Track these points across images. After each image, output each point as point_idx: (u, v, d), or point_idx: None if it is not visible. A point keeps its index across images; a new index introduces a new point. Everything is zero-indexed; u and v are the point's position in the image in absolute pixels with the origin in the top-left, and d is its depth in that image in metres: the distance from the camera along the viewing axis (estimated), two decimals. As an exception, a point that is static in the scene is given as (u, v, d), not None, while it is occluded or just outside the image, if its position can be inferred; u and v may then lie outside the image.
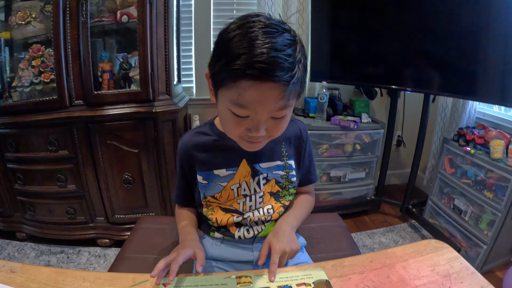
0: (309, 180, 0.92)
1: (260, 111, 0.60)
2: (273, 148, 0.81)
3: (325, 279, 0.64)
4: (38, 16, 1.68)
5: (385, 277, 0.67)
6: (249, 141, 0.67)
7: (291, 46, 0.58)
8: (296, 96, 0.63)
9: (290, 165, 0.84)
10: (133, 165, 1.67)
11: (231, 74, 0.56)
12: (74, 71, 1.59)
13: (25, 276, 0.61)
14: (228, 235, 0.83)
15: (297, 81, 0.60)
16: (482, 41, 1.55)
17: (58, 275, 0.62)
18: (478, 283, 0.65)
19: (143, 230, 1.18)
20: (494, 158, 1.61)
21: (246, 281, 0.64)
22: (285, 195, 0.85)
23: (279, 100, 0.59)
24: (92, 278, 0.62)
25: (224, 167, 0.79)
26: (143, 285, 0.62)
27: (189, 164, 0.82)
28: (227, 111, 0.63)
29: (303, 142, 0.86)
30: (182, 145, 0.82)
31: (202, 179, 0.80)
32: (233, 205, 0.81)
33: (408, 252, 0.75)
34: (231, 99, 0.60)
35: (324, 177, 2.00)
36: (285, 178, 0.83)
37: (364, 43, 1.86)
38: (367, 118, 1.95)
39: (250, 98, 0.58)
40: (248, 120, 0.62)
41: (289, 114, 0.67)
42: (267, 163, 0.81)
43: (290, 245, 0.73)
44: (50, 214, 1.78)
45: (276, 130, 0.66)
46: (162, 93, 1.64)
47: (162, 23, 1.61)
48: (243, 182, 0.80)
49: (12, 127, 1.65)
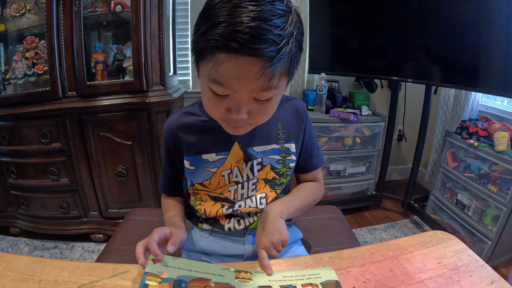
0: (312, 165, 0.82)
1: (239, 89, 0.52)
2: (268, 130, 0.74)
3: (335, 280, 0.58)
4: (33, 8, 1.66)
5: (387, 270, 0.63)
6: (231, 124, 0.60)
7: (282, 17, 0.50)
8: (284, 76, 0.55)
9: (288, 148, 0.76)
10: (127, 158, 1.64)
11: (208, 45, 0.50)
12: (67, 62, 1.56)
13: (4, 265, 0.59)
14: (217, 226, 0.77)
15: (285, 58, 0.51)
16: (485, 31, 1.51)
17: (36, 264, 0.60)
18: (488, 276, 0.61)
19: (132, 222, 1.14)
20: (498, 151, 1.56)
21: (246, 277, 0.58)
22: (282, 183, 0.78)
23: (260, 79, 0.51)
24: (71, 268, 0.60)
25: (214, 151, 0.72)
26: (123, 275, 0.58)
27: (175, 148, 0.75)
28: (206, 88, 0.57)
29: (302, 122, 0.77)
30: (167, 126, 0.76)
31: (189, 165, 0.73)
32: (224, 193, 0.75)
33: (412, 243, 0.71)
34: (209, 74, 0.53)
35: (324, 171, 1.96)
36: (281, 163, 0.76)
37: (363, 34, 1.82)
38: (367, 110, 1.90)
39: (227, 74, 0.51)
40: (228, 100, 0.55)
41: (276, 98, 0.59)
42: (262, 146, 0.73)
43: (271, 239, 0.66)
44: (43, 209, 1.75)
45: (259, 115, 0.59)
46: (156, 84, 1.61)
47: (156, 13, 1.57)
48: (235, 167, 0.73)
49: (5, 120, 1.63)
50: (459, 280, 0.60)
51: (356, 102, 1.99)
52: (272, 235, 0.67)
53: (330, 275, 0.60)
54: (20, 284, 0.54)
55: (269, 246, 0.66)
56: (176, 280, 0.54)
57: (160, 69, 1.61)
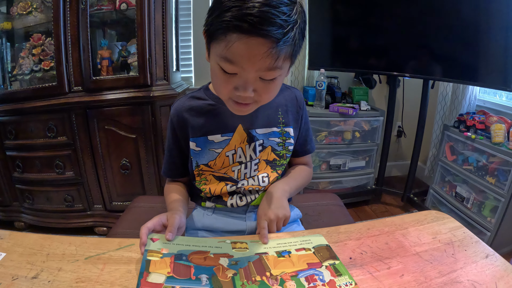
0: (306, 150, 0.89)
1: (247, 67, 0.57)
2: (269, 114, 0.79)
3: (326, 244, 0.62)
4: (39, 6, 1.71)
5: (383, 243, 0.65)
6: (237, 102, 0.64)
7: (288, 5, 0.55)
8: (288, 59, 0.60)
9: (288, 132, 0.81)
10: (131, 151, 1.67)
11: (221, 27, 0.55)
12: (73, 58, 1.61)
13: (12, 242, 0.61)
14: (220, 203, 0.81)
15: (290, 42, 0.57)
16: (482, 25, 1.54)
17: (44, 240, 0.62)
18: (483, 251, 0.62)
19: (136, 209, 1.17)
20: (496, 142, 1.59)
21: (242, 246, 0.61)
22: (282, 164, 0.82)
23: (267, 58, 0.56)
24: (79, 242, 0.62)
25: (219, 133, 0.76)
26: (128, 248, 0.61)
27: (182, 130, 0.79)
28: (216, 67, 0.61)
29: (300, 109, 0.84)
30: (175, 110, 0.80)
31: (195, 146, 0.77)
32: (228, 173, 0.79)
33: (408, 221, 0.73)
34: (220, 53, 0.58)
35: (324, 165, 1.98)
36: (281, 145, 0.81)
37: (362, 30, 1.86)
38: (366, 105, 1.94)
39: (238, 52, 0.55)
40: (236, 78, 0.60)
41: (280, 79, 0.64)
42: (263, 129, 0.78)
43: (276, 212, 0.70)
44: (48, 202, 1.78)
45: (265, 94, 0.64)
46: (159, 79, 1.65)
47: (160, 10, 1.63)
48: (239, 148, 0.77)
49: (12, 114, 1.67)
50: (453, 254, 0.62)
51: (355, 98, 2.03)
52: (277, 210, 0.71)
53: (320, 240, 0.64)
54: (28, 258, 0.56)
55: (274, 219, 0.70)
56: (176, 254, 0.56)
57: (164, 64, 1.66)
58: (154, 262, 0.54)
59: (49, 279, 0.51)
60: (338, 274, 0.54)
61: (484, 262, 0.60)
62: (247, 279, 0.52)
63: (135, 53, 1.65)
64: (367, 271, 0.57)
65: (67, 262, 0.55)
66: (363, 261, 0.60)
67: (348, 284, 0.51)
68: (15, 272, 0.52)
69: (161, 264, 0.54)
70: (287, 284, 0.51)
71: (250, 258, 0.58)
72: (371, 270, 0.58)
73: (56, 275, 0.52)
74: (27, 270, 0.53)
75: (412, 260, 0.60)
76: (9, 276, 0.51)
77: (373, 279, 0.55)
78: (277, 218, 0.70)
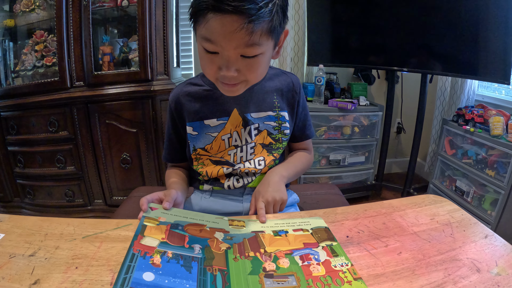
0: (306, 135, 0.90)
1: (225, 45, 0.59)
2: (264, 98, 0.80)
3: (324, 226, 0.62)
4: (42, 4, 1.74)
5: (380, 223, 0.65)
6: (225, 83, 0.66)
7: None
8: (266, 35, 0.60)
9: (283, 116, 0.82)
10: (131, 145, 1.68)
11: (200, 8, 0.57)
12: (75, 53, 1.63)
13: (12, 223, 0.61)
14: (217, 185, 0.82)
15: (265, 17, 0.58)
16: (481, 18, 1.55)
17: (43, 221, 0.62)
18: (482, 231, 0.62)
19: (136, 198, 1.17)
20: (494, 135, 1.59)
21: (239, 224, 0.62)
22: (279, 148, 0.83)
23: (243, 34, 0.57)
24: (77, 223, 0.62)
25: (215, 117, 0.78)
26: (126, 227, 0.61)
27: (179, 115, 0.81)
28: (200, 48, 0.63)
29: (296, 94, 0.85)
30: (173, 96, 0.82)
31: (192, 130, 0.79)
32: (224, 157, 0.80)
33: (405, 203, 0.73)
34: (201, 33, 0.60)
35: (324, 160, 1.99)
36: (277, 129, 0.82)
37: (360, 26, 1.88)
38: (365, 101, 1.95)
39: (214, 30, 0.57)
40: (219, 58, 0.61)
41: (263, 58, 0.64)
42: (258, 113, 0.80)
43: (274, 195, 0.72)
44: (49, 197, 1.79)
45: (249, 72, 0.64)
46: (160, 73, 1.67)
47: (161, 6, 1.65)
48: (234, 132, 0.79)
49: (15, 109, 1.69)
50: (452, 234, 0.61)
51: (354, 93, 2.04)
52: (275, 193, 0.73)
53: (319, 222, 0.63)
54: (27, 238, 0.57)
55: (271, 201, 0.71)
56: (173, 224, 0.57)
57: (164, 59, 1.68)
58: (150, 228, 0.54)
59: (46, 256, 0.52)
60: (334, 255, 0.53)
61: (484, 241, 0.59)
62: (240, 254, 0.52)
63: (136, 49, 1.67)
64: (364, 248, 0.57)
65: (64, 241, 0.56)
66: (360, 239, 0.60)
67: (344, 265, 0.51)
68: (12, 251, 0.53)
69: (157, 230, 0.54)
70: (280, 261, 0.51)
71: (246, 236, 0.58)
72: (368, 248, 0.58)
73: (53, 252, 0.53)
74: (25, 249, 0.53)
75: (410, 239, 0.60)
76: (6, 254, 0.52)
77: (370, 256, 0.55)
78: (274, 201, 0.71)
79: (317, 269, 0.50)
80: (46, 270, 0.49)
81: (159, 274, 0.44)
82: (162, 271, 0.45)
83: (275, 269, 0.49)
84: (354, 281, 0.47)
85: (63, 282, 0.46)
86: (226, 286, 0.46)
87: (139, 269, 0.44)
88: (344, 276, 0.48)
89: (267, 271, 0.49)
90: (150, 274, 0.44)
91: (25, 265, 0.49)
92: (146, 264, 0.46)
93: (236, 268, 0.49)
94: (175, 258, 0.49)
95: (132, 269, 0.44)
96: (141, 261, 0.46)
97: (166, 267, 0.46)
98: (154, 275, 0.44)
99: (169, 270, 0.46)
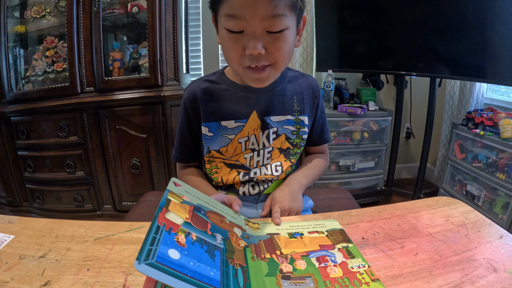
0: (324, 139, 0.89)
1: (251, 17, 0.58)
2: (284, 101, 0.78)
3: (340, 228, 0.61)
4: (52, 10, 1.77)
5: (395, 225, 0.65)
6: (253, 68, 0.64)
7: None
8: (290, 9, 0.60)
9: (302, 121, 0.79)
10: (141, 150, 1.69)
11: None
12: (86, 59, 1.65)
13: (22, 225, 0.61)
14: (232, 191, 0.80)
15: None
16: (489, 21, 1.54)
17: (54, 224, 0.62)
18: (497, 232, 0.61)
19: (146, 202, 1.17)
20: (505, 138, 1.57)
21: (254, 226, 0.61)
22: (296, 153, 0.81)
23: (269, 4, 0.57)
24: (88, 225, 0.62)
25: (233, 119, 0.75)
26: (138, 230, 0.61)
27: (194, 112, 0.78)
28: (224, 32, 0.62)
29: (315, 98, 0.83)
30: (188, 92, 0.78)
31: (207, 131, 0.76)
32: (239, 160, 0.77)
33: (419, 205, 0.73)
34: (224, 13, 0.60)
35: (333, 166, 1.98)
36: (295, 134, 0.79)
37: (368, 31, 1.88)
38: (374, 106, 1.94)
39: (239, 4, 0.57)
40: (244, 36, 0.61)
41: (289, 35, 0.63)
42: (278, 116, 0.77)
43: (291, 204, 0.70)
44: (58, 202, 1.80)
45: (276, 50, 0.62)
46: (170, 79, 1.68)
47: (171, 12, 1.67)
48: (252, 135, 0.76)
49: (25, 114, 1.71)
50: (467, 235, 0.61)
51: (363, 98, 2.03)
52: (293, 202, 0.71)
53: (334, 224, 0.63)
54: (37, 239, 0.56)
55: (287, 209, 0.70)
56: (196, 206, 0.55)
57: (174, 65, 1.69)
58: (174, 204, 0.52)
59: (57, 258, 0.51)
60: (351, 257, 0.53)
61: (499, 242, 0.59)
62: (256, 255, 0.52)
63: (146, 55, 1.69)
64: (380, 250, 0.57)
65: (76, 243, 0.56)
66: (375, 240, 0.59)
67: (361, 266, 0.50)
68: (22, 252, 0.53)
69: (181, 208, 0.52)
70: (297, 263, 0.50)
71: (261, 238, 0.57)
72: (384, 249, 0.57)
73: (64, 254, 0.52)
74: (35, 250, 0.53)
75: (426, 240, 0.59)
76: (16, 256, 0.51)
77: (386, 257, 0.55)
78: (290, 210, 0.70)
79: (334, 271, 0.49)
80: (57, 271, 0.48)
81: (184, 254, 0.43)
82: (187, 252, 0.43)
83: (292, 270, 0.49)
84: (372, 282, 0.47)
85: (74, 284, 0.46)
86: (247, 283, 0.45)
87: (164, 243, 0.42)
88: (361, 277, 0.48)
89: (284, 272, 0.48)
90: (175, 252, 0.42)
91: (36, 267, 0.49)
92: (172, 240, 0.44)
93: (254, 268, 0.49)
94: (199, 242, 0.47)
95: (157, 242, 0.42)
96: (166, 236, 0.44)
97: (191, 249, 0.45)
98: (179, 254, 0.42)
99: (194, 253, 0.44)
